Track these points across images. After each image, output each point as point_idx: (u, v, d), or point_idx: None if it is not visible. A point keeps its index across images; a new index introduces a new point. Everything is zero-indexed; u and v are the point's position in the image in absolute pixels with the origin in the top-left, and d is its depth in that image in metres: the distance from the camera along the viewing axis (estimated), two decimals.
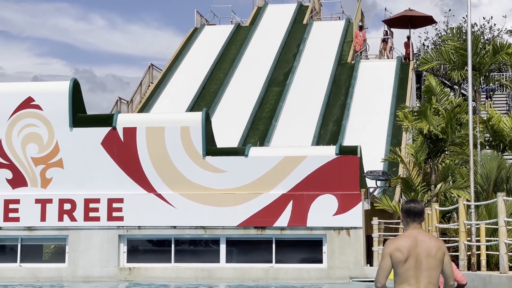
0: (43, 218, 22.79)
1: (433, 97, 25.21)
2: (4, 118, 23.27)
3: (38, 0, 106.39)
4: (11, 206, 22.89)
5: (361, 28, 41.61)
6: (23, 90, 23.68)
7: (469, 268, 15.94)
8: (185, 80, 38.62)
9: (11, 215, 22.88)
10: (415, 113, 24.73)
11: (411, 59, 39.68)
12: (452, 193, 23.83)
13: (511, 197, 18.47)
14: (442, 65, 36.49)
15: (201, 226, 22.55)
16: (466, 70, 20.76)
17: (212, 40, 42.62)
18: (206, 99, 36.80)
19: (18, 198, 22.88)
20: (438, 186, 23.94)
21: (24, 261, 23.11)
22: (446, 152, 25.37)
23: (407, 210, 7.79)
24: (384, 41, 41.48)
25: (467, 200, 17.77)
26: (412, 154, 24.91)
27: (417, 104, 31.12)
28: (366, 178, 23.04)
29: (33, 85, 25.29)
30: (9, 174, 23.07)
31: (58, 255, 23.40)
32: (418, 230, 7.80)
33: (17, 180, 23.03)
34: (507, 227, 14.74)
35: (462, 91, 37.48)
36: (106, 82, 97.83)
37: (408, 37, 41.67)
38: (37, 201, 22.83)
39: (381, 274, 7.70)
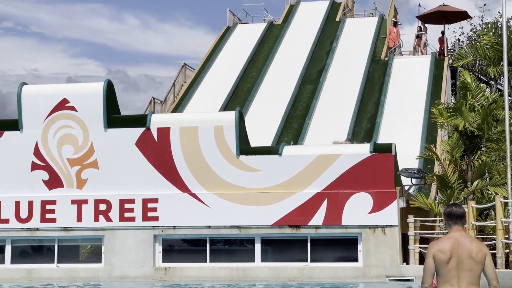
0: (79, 219, 22.96)
1: (468, 93, 24.97)
2: (40, 120, 23.48)
3: (72, 1, 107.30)
4: (47, 207, 23.09)
5: (395, 24, 41.37)
6: (58, 91, 23.86)
7: (507, 266, 15.77)
8: (218, 79, 38.68)
9: (47, 216, 23.08)
10: (450, 110, 24.50)
11: (445, 55, 39.34)
12: (489, 190, 23.58)
13: None
14: (477, 61, 36.12)
15: (235, 226, 22.56)
16: (502, 65, 20.52)
17: (245, 38, 42.62)
18: (239, 98, 36.82)
19: (55, 199, 23.07)
20: (475, 183, 23.70)
21: (61, 262, 23.31)
22: (483, 149, 25.10)
23: (449, 213, 8.22)
24: (418, 37, 41.19)
25: (504, 198, 17.58)
26: (447, 151, 24.69)
27: (452, 101, 30.82)
28: (401, 176, 22.87)
29: (67, 86, 25.48)
30: (45, 176, 23.27)
31: (95, 255, 23.56)
32: (460, 232, 8.20)
33: (53, 181, 23.23)
34: None
35: (498, 86, 37.03)
36: (139, 82, 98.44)
37: (443, 33, 41.29)
38: (73, 202, 23.00)
39: (426, 274, 8.12)
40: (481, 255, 8.11)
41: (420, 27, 42.10)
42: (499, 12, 48.53)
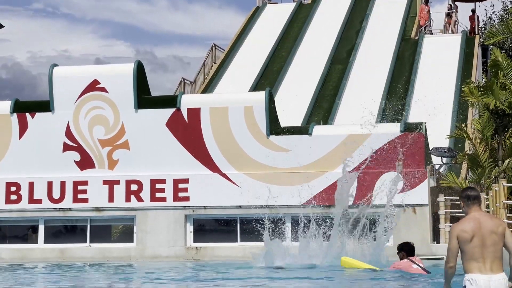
0: (111, 199, 23.19)
1: (499, 71, 24.77)
2: (71, 101, 23.69)
3: None
4: (79, 187, 23.34)
5: (426, 2, 41.06)
6: (88, 73, 24.04)
7: None
8: (248, 60, 38.66)
9: (80, 196, 23.33)
10: (481, 88, 24.35)
11: (476, 33, 38.99)
12: None
13: None
14: (509, 39, 35.74)
15: (266, 206, 22.63)
16: None
17: (274, 18, 42.52)
18: (269, 78, 36.80)
19: (86, 180, 23.31)
20: (506, 162, 23.57)
21: (94, 241, 23.58)
22: None
23: (467, 196, 8.90)
24: (449, 15, 40.84)
25: None
26: (478, 130, 24.56)
27: (483, 79, 30.63)
28: (431, 155, 22.79)
29: (98, 68, 25.66)
30: (77, 156, 23.50)
31: (126, 235, 23.80)
32: (479, 212, 8.87)
33: (85, 162, 23.46)
34: None
35: None
36: (167, 62, 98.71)
37: (473, 11, 40.91)
38: (104, 182, 23.22)
39: (450, 255, 8.68)
40: (501, 229, 8.71)
41: (451, 5, 41.75)
42: None
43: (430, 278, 15.28)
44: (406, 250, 16.20)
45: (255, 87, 35.37)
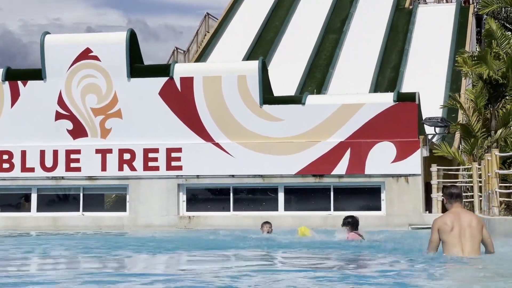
0: (103, 168, 23.16)
1: (493, 41, 24.70)
2: (63, 70, 23.56)
3: None
4: (72, 156, 23.30)
5: None
6: (80, 41, 23.89)
7: None
8: (241, 29, 38.47)
9: (72, 165, 23.30)
10: (475, 58, 24.30)
11: (471, 2, 38.84)
12: None
13: None
14: (503, 8, 35.61)
15: (259, 175, 22.65)
16: None
17: None
18: (262, 47, 36.66)
19: (79, 149, 23.27)
20: (499, 132, 23.59)
21: (87, 210, 23.59)
22: (507, 97, 24.89)
23: (450, 193, 9.97)
24: None
25: None
26: (471, 100, 24.54)
27: (477, 49, 30.55)
28: (424, 125, 22.80)
29: (90, 36, 25.50)
30: (69, 125, 23.43)
31: (119, 204, 23.81)
32: (460, 208, 9.96)
33: (78, 131, 23.39)
34: None
35: None
36: (159, 32, 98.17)
37: None
38: (97, 151, 23.18)
39: (431, 246, 9.85)
40: (479, 226, 9.80)
41: None
42: None
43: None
44: (351, 223, 15.77)
45: (249, 57, 35.24)
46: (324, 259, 12.46)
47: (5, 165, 23.49)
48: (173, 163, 22.96)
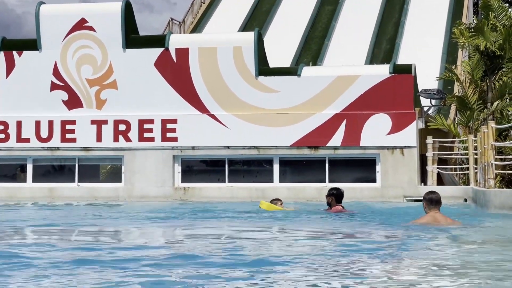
0: (99, 139, 23.13)
1: (490, 12, 24.63)
2: (58, 40, 23.44)
3: None
4: (67, 127, 23.26)
5: None
6: (76, 11, 23.75)
7: None
8: (237, 0, 38.29)
9: (67, 135, 23.26)
10: (472, 30, 24.23)
11: None
12: (509, 111, 23.47)
13: None
14: None
15: (254, 146, 22.65)
16: None
17: None
18: (258, 18, 36.52)
19: (74, 119, 23.22)
20: (495, 104, 23.59)
21: (82, 181, 23.59)
22: (504, 69, 24.86)
23: (430, 199, 10.70)
24: None
25: None
26: (468, 72, 24.50)
27: (474, 21, 30.44)
28: (420, 97, 22.78)
29: (85, 6, 25.34)
30: (64, 96, 23.36)
31: (115, 175, 23.81)
32: (438, 213, 10.77)
33: (73, 102, 23.33)
34: None
35: None
36: (153, 3, 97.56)
37: None
38: (92, 122, 23.14)
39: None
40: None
41: None
42: None
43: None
44: (335, 195, 15.60)
45: (244, 28, 35.11)
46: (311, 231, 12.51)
47: (1, 136, 23.46)
48: (168, 134, 22.93)
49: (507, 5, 34.82)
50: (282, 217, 15.08)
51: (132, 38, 23.42)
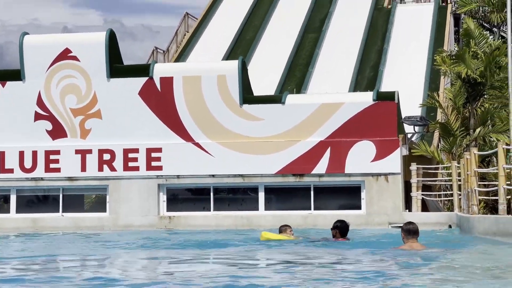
0: (83, 169, 23.08)
1: (471, 40, 24.88)
2: (43, 70, 23.44)
3: None
4: (52, 157, 23.20)
5: None
6: (60, 41, 23.79)
7: (509, 212, 15.86)
8: (221, 28, 38.47)
9: (52, 165, 23.19)
10: (453, 57, 24.45)
11: (449, 1, 39.06)
12: (491, 137, 23.63)
13: None
14: (481, 7, 35.83)
15: (239, 175, 22.66)
16: (505, 11, 20.39)
17: None
18: (242, 46, 36.68)
19: (59, 149, 23.16)
20: (477, 130, 23.76)
21: (66, 211, 23.48)
22: (485, 96, 25.08)
23: (408, 230, 11.24)
24: None
25: (507, 144, 17.61)
26: (450, 99, 24.69)
27: (455, 48, 30.72)
28: (404, 124, 22.90)
29: (70, 36, 25.41)
30: (49, 126, 23.32)
31: (99, 204, 23.74)
32: (415, 242, 11.22)
33: (57, 131, 23.29)
34: None
35: (501, 33, 36.81)
36: (135, 31, 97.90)
37: None
38: (77, 151, 23.09)
39: None
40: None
41: None
42: None
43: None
44: (340, 228, 15.37)
45: (228, 56, 35.25)
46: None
47: None
48: (153, 163, 22.92)
49: (488, 32, 35.17)
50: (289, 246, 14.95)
51: (116, 67, 23.46)
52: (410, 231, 11.15)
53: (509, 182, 16.73)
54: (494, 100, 24.75)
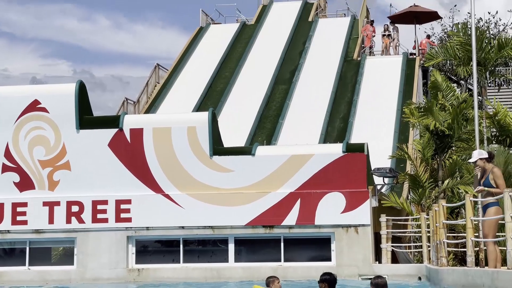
0: (51, 221, 22.82)
1: (439, 93, 25.19)
2: (11, 122, 23.31)
3: (43, 2, 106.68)
4: (19, 209, 22.93)
5: (371, 23, 41.75)
6: (29, 92, 23.71)
7: (477, 264, 15.89)
8: (192, 80, 38.65)
9: (19, 218, 22.91)
10: (421, 109, 24.70)
11: (417, 55, 39.64)
12: (459, 189, 23.78)
13: None
14: (448, 61, 36.40)
15: (209, 226, 22.55)
16: (471, 65, 20.71)
17: (218, 39, 42.63)
18: (212, 98, 36.82)
19: (26, 201, 22.92)
20: (446, 182, 23.90)
21: (33, 264, 23.15)
22: (453, 148, 25.32)
23: (376, 284, 11.56)
24: (386, 36, 41.43)
25: (474, 196, 17.71)
26: (419, 151, 24.88)
27: (424, 100, 31.07)
28: (373, 175, 23.00)
29: (39, 87, 25.30)
30: (16, 177, 23.11)
31: (67, 257, 23.43)
32: None
33: (25, 183, 23.07)
34: None
35: (469, 86, 37.38)
36: (105, 82, 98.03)
37: (428, 36, 41.98)
38: (44, 203, 22.85)
39: None
40: None
41: (387, 25, 42.32)
42: (468, 12, 48.88)
43: None
44: (329, 281, 14.90)
45: (199, 107, 35.35)
46: None
47: None
48: (123, 215, 22.74)
49: (455, 85, 35.66)
50: None
51: (86, 118, 23.40)
52: (378, 285, 11.49)
53: (477, 234, 16.80)
54: (462, 152, 24.99)
